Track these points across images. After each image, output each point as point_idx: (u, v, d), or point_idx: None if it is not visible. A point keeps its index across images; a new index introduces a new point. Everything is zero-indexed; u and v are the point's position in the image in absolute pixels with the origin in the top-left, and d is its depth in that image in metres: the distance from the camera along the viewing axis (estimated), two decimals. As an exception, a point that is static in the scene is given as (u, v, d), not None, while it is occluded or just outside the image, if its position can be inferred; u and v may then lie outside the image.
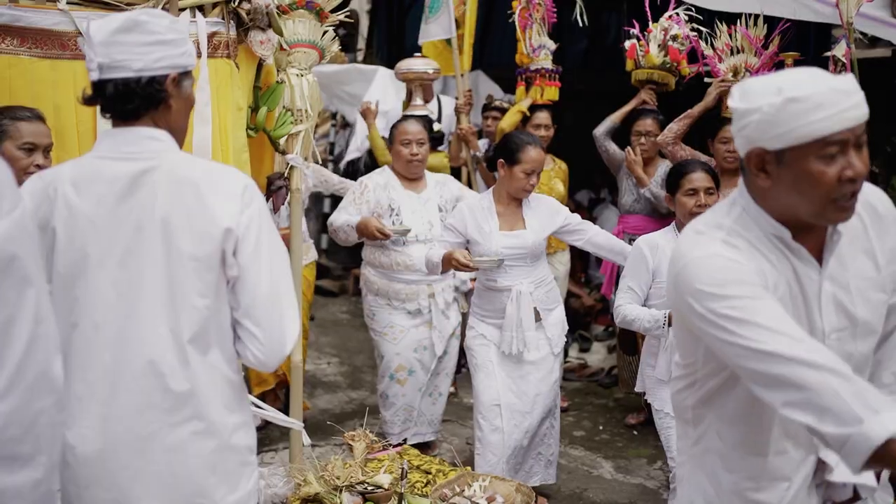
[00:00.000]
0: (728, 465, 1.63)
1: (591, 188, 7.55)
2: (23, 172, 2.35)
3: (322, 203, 7.98)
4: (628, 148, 4.52)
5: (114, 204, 1.64)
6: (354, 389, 5.32)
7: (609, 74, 5.91)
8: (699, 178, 3.10)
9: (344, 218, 3.89)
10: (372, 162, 5.36)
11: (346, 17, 3.40)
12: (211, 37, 2.81)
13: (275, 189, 3.16)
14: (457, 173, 5.13)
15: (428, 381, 4.01)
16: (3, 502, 1.19)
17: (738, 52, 4.28)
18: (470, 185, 4.82)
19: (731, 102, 1.51)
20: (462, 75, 5.02)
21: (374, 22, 9.03)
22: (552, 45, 4.80)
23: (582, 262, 6.38)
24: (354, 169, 6.99)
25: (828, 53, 4.02)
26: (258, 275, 1.66)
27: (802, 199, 1.47)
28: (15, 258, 1.18)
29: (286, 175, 3.19)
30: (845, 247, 1.57)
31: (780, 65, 4.24)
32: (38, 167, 2.36)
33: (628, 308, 3.10)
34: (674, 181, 3.17)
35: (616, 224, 4.69)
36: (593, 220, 4.54)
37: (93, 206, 1.64)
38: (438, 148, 4.96)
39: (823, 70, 1.45)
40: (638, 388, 3.41)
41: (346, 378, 5.55)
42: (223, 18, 2.86)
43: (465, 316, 3.93)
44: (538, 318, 3.45)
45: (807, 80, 1.43)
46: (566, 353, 5.41)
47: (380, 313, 3.97)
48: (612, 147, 4.64)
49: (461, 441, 4.40)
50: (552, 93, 4.72)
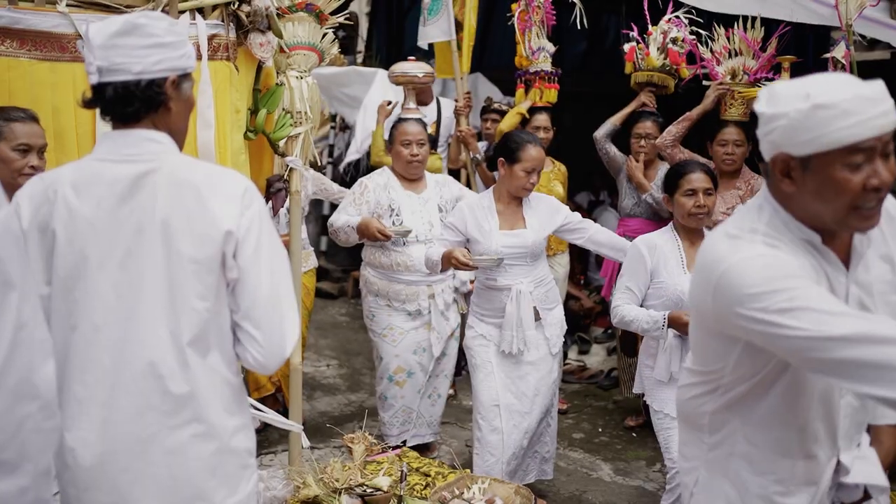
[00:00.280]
0: (757, 469, 1.60)
1: (590, 190, 7.54)
2: (17, 174, 2.35)
3: (321, 205, 7.96)
4: (630, 156, 4.52)
5: (114, 206, 1.64)
6: (353, 392, 5.31)
7: (608, 76, 5.91)
8: (698, 179, 3.10)
9: (344, 219, 3.89)
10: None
11: (345, 19, 3.40)
12: (210, 39, 2.80)
13: (274, 191, 3.16)
14: (456, 175, 5.14)
15: (427, 383, 4.00)
16: None
17: (736, 54, 4.28)
18: (469, 186, 4.83)
19: (757, 106, 1.50)
20: (461, 77, 5.02)
21: (373, 24, 9.04)
22: (551, 48, 4.81)
23: (581, 265, 6.37)
24: (354, 171, 6.99)
25: (827, 55, 4.03)
26: (258, 277, 1.66)
27: (826, 206, 1.45)
28: None
29: (285, 177, 3.19)
30: (868, 251, 1.59)
31: (777, 67, 4.25)
32: (33, 168, 2.36)
33: (626, 309, 3.10)
34: (672, 182, 3.16)
35: (616, 227, 4.66)
36: (592, 223, 4.53)
37: (93, 208, 1.64)
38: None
39: (852, 76, 1.45)
40: (636, 390, 3.40)
41: (345, 380, 5.55)
42: (223, 21, 2.86)
43: (464, 317, 3.93)
44: (538, 317, 3.45)
45: (835, 86, 1.41)
46: (565, 356, 5.41)
47: (379, 314, 3.97)
48: (612, 150, 4.64)
49: (460, 443, 4.40)
50: (551, 95, 4.73)
